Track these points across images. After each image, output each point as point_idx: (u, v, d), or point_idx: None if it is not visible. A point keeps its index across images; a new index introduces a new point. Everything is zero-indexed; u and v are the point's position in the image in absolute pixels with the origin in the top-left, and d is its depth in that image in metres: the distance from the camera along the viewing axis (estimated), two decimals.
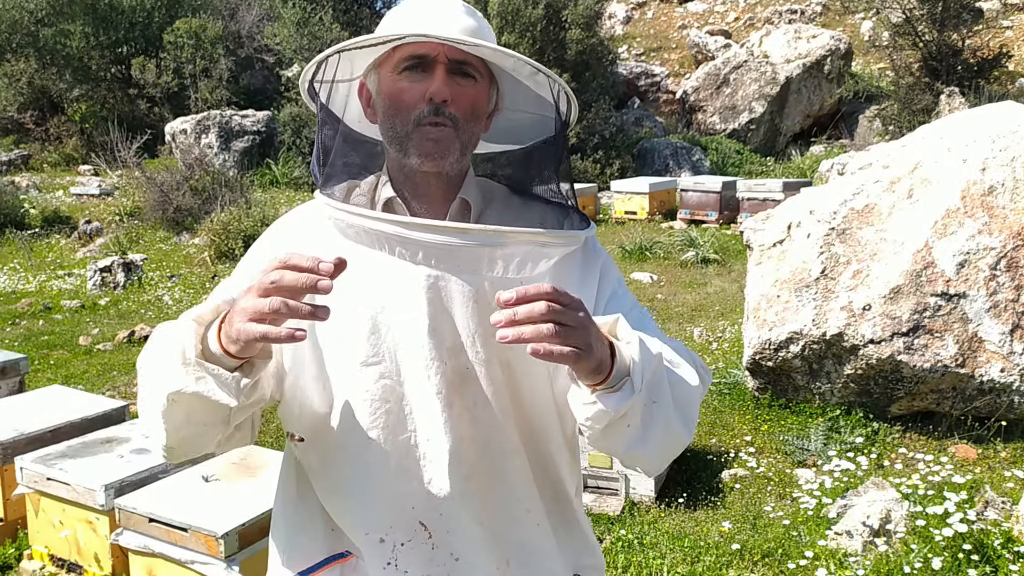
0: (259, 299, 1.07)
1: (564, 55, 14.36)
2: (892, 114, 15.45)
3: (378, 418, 1.27)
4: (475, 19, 1.31)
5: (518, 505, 1.32)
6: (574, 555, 1.40)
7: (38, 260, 11.36)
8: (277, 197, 13.70)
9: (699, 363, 1.33)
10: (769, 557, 3.41)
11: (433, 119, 1.26)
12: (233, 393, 1.14)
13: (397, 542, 1.30)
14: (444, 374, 1.25)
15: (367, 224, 1.23)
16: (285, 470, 1.43)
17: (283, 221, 1.42)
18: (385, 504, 1.29)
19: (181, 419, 1.19)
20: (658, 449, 1.22)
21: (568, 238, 1.29)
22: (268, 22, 19.22)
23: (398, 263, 1.23)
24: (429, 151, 1.28)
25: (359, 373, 1.26)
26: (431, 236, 1.20)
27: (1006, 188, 4.45)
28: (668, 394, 1.20)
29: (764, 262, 5.01)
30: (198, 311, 1.18)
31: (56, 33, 18.67)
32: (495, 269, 1.23)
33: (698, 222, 11.41)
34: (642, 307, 1.41)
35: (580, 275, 1.33)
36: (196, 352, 1.14)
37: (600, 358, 1.11)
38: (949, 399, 4.48)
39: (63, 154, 18.22)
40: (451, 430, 1.25)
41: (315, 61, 1.30)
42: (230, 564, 2.71)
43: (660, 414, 1.19)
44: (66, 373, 6.35)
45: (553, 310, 1.06)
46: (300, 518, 1.39)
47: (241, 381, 1.15)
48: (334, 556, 1.36)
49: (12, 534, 3.64)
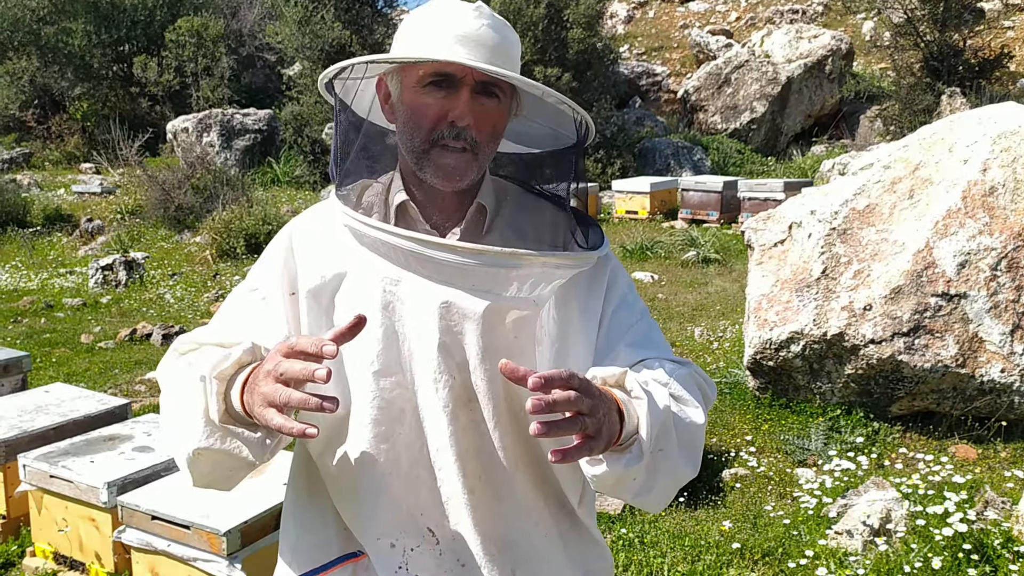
0: (273, 386, 1.08)
1: (565, 54, 14.36)
2: (893, 114, 15.45)
3: (393, 427, 1.28)
4: (501, 33, 1.29)
5: (525, 518, 1.33)
6: (583, 561, 1.40)
7: (40, 258, 11.38)
8: (278, 196, 13.71)
9: (703, 381, 1.33)
10: (769, 556, 3.42)
11: (453, 143, 1.26)
12: (259, 453, 1.17)
13: (407, 547, 1.31)
14: (452, 388, 1.26)
15: (383, 237, 1.24)
16: (296, 469, 1.43)
17: (295, 224, 1.41)
18: (396, 510, 1.30)
19: (207, 468, 1.21)
20: (663, 493, 1.23)
21: (583, 259, 1.29)
22: (270, 20, 19.20)
23: (413, 276, 1.24)
24: (446, 175, 1.28)
25: (376, 382, 1.27)
26: (448, 256, 1.20)
27: (1007, 189, 4.46)
28: (675, 440, 1.19)
29: (765, 262, 5.02)
30: (218, 365, 1.17)
31: (58, 31, 18.68)
32: (509, 289, 1.24)
33: (699, 222, 11.41)
34: (649, 314, 1.40)
35: (587, 283, 1.33)
36: (219, 414, 1.15)
37: (610, 435, 1.09)
38: (949, 399, 4.48)
39: (65, 152, 18.23)
40: (457, 443, 1.27)
41: (339, 66, 1.29)
42: (232, 562, 2.72)
43: (665, 462, 1.18)
44: (68, 371, 6.36)
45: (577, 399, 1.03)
46: (311, 517, 1.39)
47: (266, 440, 1.17)
48: (346, 555, 1.36)
49: (15, 531, 3.65)
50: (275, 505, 2.81)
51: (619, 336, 1.32)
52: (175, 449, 1.23)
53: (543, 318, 1.29)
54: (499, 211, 1.37)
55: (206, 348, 1.30)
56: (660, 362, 1.28)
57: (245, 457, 1.17)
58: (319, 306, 1.31)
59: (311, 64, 15.79)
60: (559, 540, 1.36)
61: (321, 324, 1.31)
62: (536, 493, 1.33)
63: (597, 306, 1.33)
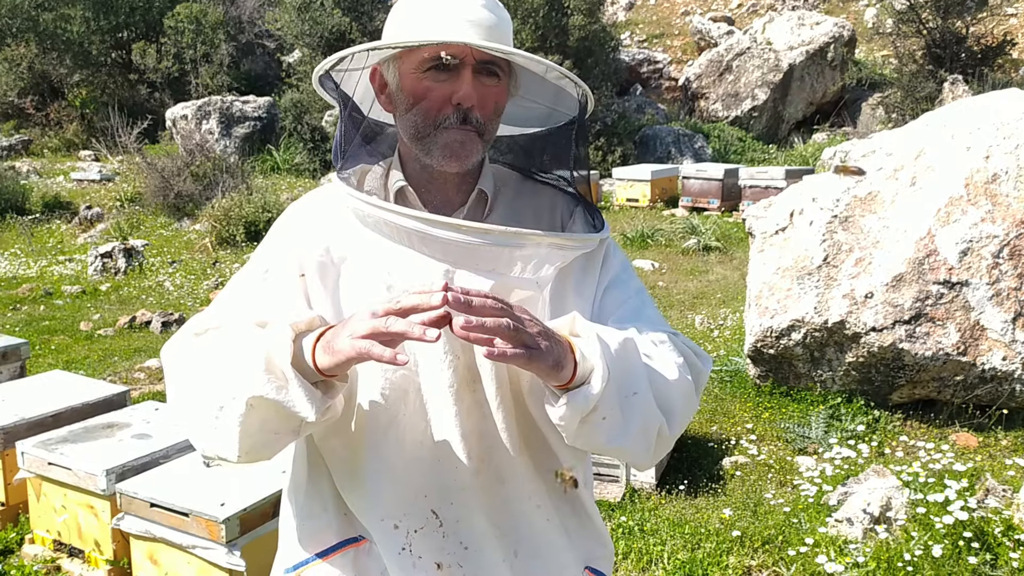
0: (375, 319, 1.08)
1: (566, 41, 14.31)
2: (895, 102, 15.41)
3: (397, 408, 1.28)
4: (496, 12, 1.29)
5: (528, 501, 1.33)
6: (585, 547, 1.40)
7: (39, 245, 11.36)
8: (278, 183, 13.68)
9: (688, 350, 1.32)
10: (769, 544, 3.42)
11: (460, 126, 1.26)
12: (315, 407, 1.14)
13: (411, 528, 1.31)
14: (456, 369, 1.26)
15: (387, 217, 1.23)
16: (297, 455, 1.42)
17: (299, 207, 1.40)
18: (401, 491, 1.30)
19: (255, 426, 1.17)
20: (640, 440, 1.21)
21: (586, 241, 1.30)
22: (269, 7, 19.15)
23: (417, 255, 1.23)
24: (453, 154, 1.27)
25: (381, 364, 1.24)
26: (453, 235, 1.20)
27: (1010, 176, 4.44)
28: (646, 383, 1.19)
29: (766, 250, 5.00)
30: (293, 319, 1.16)
31: (56, 18, 18.61)
32: (513, 269, 1.24)
33: (700, 209, 11.39)
34: (647, 294, 1.40)
35: (583, 265, 1.34)
36: (289, 358, 1.13)
37: (556, 356, 1.10)
38: (950, 387, 4.47)
39: (63, 139, 18.20)
40: (460, 424, 1.26)
41: (338, 56, 1.28)
42: (231, 549, 2.71)
43: (639, 404, 1.18)
44: (67, 358, 6.36)
45: (503, 309, 1.07)
46: (312, 502, 1.38)
47: (322, 397, 1.15)
48: (347, 540, 1.36)
49: (14, 519, 3.65)
50: (274, 493, 2.81)
51: (609, 312, 1.33)
52: (218, 409, 1.17)
53: (544, 300, 1.29)
54: (499, 197, 1.38)
55: (232, 326, 1.25)
56: (640, 327, 1.28)
57: (297, 413, 1.13)
58: (325, 289, 1.31)
59: (311, 51, 15.74)
60: (560, 524, 1.36)
61: (327, 307, 1.30)
62: (538, 476, 1.33)
63: (591, 286, 1.33)
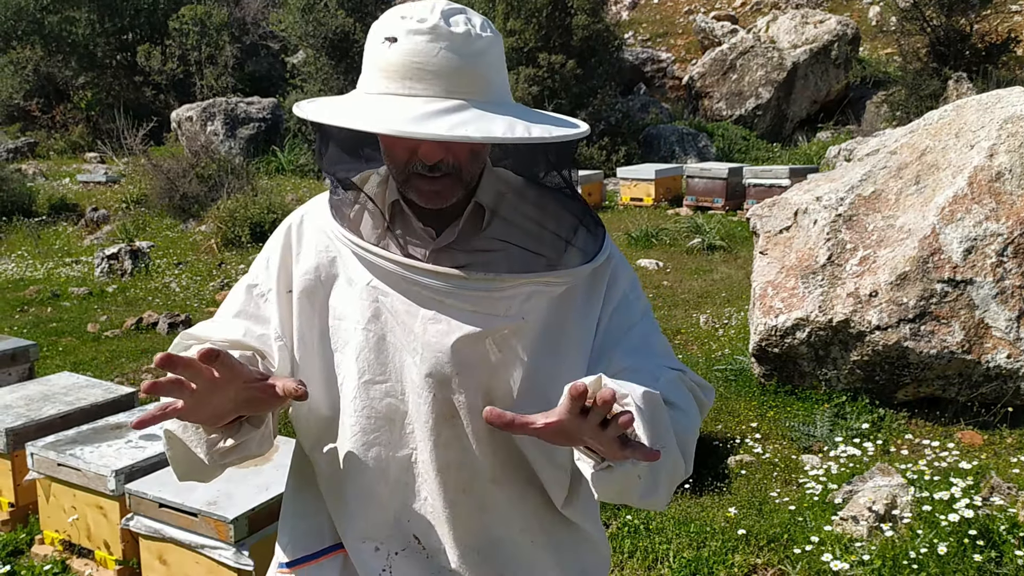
0: None
1: (570, 41, 14.30)
2: (899, 100, 15.37)
3: (382, 434, 1.29)
4: (466, 49, 1.16)
5: (510, 526, 1.33)
6: (577, 559, 1.40)
7: (45, 247, 11.40)
8: (283, 184, 13.70)
9: (697, 387, 1.30)
10: (775, 542, 3.42)
11: (429, 174, 1.21)
12: (203, 449, 1.20)
13: (392, 551, 1.32)
14: (433, 404, 1.26)
15: (371, 259, 1.25)
16: (296, 457, 1.44)
17: (297, 217, 1.39)
18: (383, 515, 1.31)
19: (181, 454, 1.23)
20: (667, 491, 1.19)
21: (575, 276, 1.27)
22: (273, 8, 19.17)
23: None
24: (429, 199, 1.24)
25: (367, 391, 1.28)
26: (431, 281, 1.21)
27: (1014, 174, 4.44)
28: (672, 437, 1.17)
29: (770, 248, 5.01)
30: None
31: (61, 20, 18.66)
32: (496, 308, 1.23)
33: (704, 208, 11.38)
34: (652, 315, 1.37)
35: (586, 287, 1.30)
36: None
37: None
38: (955, 385, 4.48)
39: (69, 141, 18.24)
40: (437, 457, 1.27)
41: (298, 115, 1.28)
42: (240, 549, 2.73)
43: (668, 460, 1.16)
44: (75, 360, 6.38)
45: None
46: (306, 505, 1.40)
47: (216, 443, 1.20)
48: (338, 544, 1.37)
49: (23, 519, 3.67)
50: (282, 492, 2.82)
51: (616, 340, 1.29)
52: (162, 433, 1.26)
53: (535, 329, 1.26)
54: (498, 208, 1.32)
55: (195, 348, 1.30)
56: (650, 368, 1.25)
57: (195, 452, 1.21)
58: (312, 307, 1.31)
59: (315, 52, 15.74)
60: (548, 543, 1.35)
61: (313, 326, 1.31)
62: (521, 502, 1.33)
63: (595, 309, 1.30)
